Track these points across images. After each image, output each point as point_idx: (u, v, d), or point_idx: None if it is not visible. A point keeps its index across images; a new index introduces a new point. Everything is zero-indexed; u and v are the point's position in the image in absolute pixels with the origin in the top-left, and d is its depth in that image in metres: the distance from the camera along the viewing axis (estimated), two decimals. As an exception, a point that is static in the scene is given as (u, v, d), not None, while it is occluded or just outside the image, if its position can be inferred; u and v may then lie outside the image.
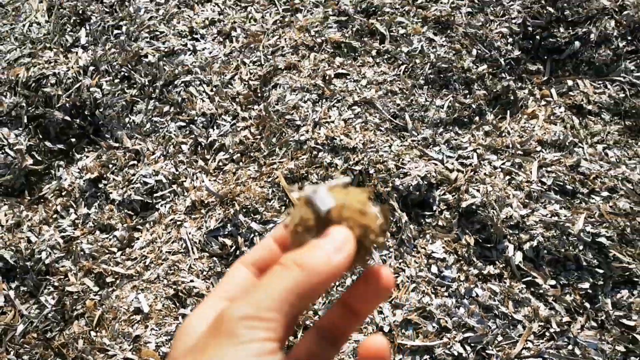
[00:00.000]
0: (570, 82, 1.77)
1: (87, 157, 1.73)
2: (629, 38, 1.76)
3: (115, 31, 1.95)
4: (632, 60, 1.74)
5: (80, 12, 2.02)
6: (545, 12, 1.86)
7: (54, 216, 1.60)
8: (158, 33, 1.92)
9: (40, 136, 1.75)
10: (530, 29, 1.85)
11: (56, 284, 1.46)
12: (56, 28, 1.98)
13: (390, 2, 1.88)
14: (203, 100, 1.78)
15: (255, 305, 0.32)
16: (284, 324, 0.33)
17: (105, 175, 1.65)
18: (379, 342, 0.37)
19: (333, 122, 1.61)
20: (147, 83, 1.80)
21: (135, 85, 1.81)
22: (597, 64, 1.77)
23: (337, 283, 1.38)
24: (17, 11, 2.06)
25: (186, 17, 1.99)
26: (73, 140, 1.78)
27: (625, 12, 1.78)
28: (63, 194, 1.65)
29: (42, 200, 1.67)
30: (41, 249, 1.50)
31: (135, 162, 1.68)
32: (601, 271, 1.38)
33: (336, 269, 0.35)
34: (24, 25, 1.99)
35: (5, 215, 1.60)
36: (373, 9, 1.88)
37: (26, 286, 1.48)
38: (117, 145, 1.72)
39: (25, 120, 1.74)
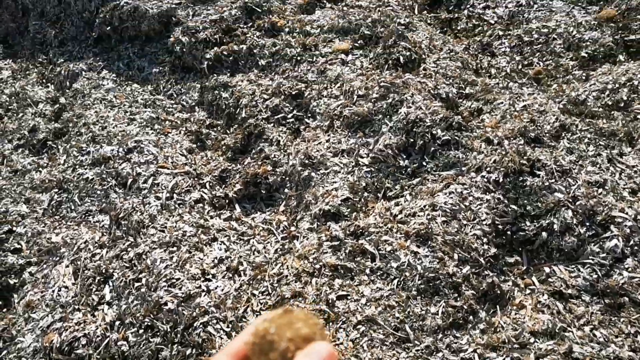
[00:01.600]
0: (547, 269, 1.96)
1: (119, 410, 1.84)
2: (588, 224, 2.00)
3: (136, 284, 2.18)
4: (596, 243, 1.95)
5: (104, 270, 2.26)
6: (509, 209, 2.12)
7: None
8: (174, 280, 2.14)
9: (75, 397, 1.88)
10: (500, 226, 2.10)
11: None
12: (82, 289, 2.21)
13: (374, 222, 2.15)
14: (221, 338, 1.94)
15: None
16: None
17: None
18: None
19: (342, 343, 1.76)
20: (168, 329, 1.98)
21: (158, 333, 1.99)
22: (566, 250, 1.98)
23: None
24: (46, 278, 2.31)
25: (197, 259, 2.24)
26: (105, 395, 1.90)
27: (578, 202, 2.04)
28: None
29: None
30: None
31: (165, 410, 1.79)
32: None
33: None
34: (53, 291, 2.22)
35: None
36: (360, 230, 2.13)
37: None
38: (146, 395, 1.85)
39: (60, 384, 1.89)
